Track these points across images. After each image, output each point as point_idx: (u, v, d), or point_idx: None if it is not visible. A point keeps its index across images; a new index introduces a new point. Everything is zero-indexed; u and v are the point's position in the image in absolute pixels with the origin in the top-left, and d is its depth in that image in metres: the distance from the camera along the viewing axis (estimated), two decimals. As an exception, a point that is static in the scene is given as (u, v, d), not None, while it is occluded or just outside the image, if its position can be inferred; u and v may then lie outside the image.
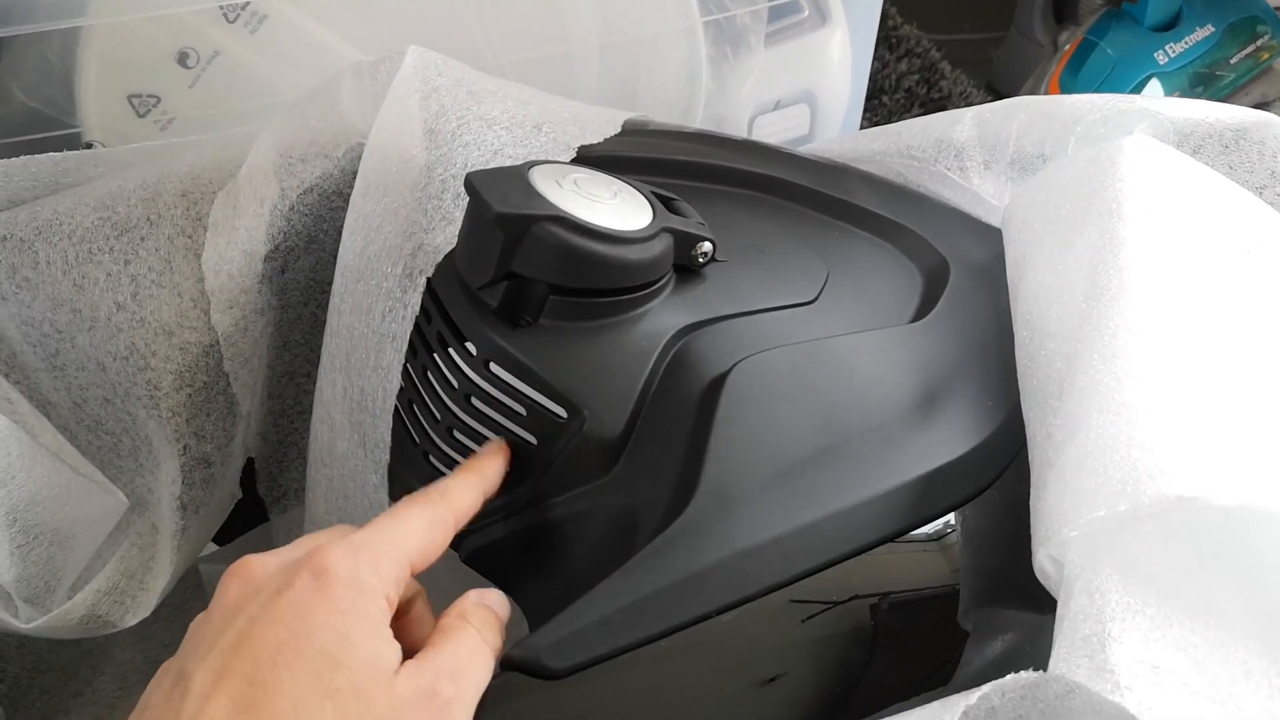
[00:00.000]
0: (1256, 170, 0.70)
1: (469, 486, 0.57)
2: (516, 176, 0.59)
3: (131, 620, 0.76)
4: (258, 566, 0.50)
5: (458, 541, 0.59)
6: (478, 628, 0.51)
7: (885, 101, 1.62)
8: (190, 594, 1.00)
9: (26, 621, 0.71)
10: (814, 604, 0.71)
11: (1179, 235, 0.60)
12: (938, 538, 0.79)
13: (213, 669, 0.45)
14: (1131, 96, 0.74)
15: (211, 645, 0.46)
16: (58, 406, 0.77)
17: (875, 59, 1.32)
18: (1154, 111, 0.72)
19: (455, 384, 0.61)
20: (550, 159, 0.65)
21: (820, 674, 0.72)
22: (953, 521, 0.78)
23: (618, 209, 0.60)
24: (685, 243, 0.62)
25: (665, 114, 1.13)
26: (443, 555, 0.55)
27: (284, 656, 0.45)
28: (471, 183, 0.58)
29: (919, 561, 0.78)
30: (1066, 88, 1.56)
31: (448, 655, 0.49)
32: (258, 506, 0.90)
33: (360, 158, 0.74)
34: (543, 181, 0.59)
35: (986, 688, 0.46)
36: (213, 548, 0.95)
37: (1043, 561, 0.53)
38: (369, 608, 0.48)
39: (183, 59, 0.93)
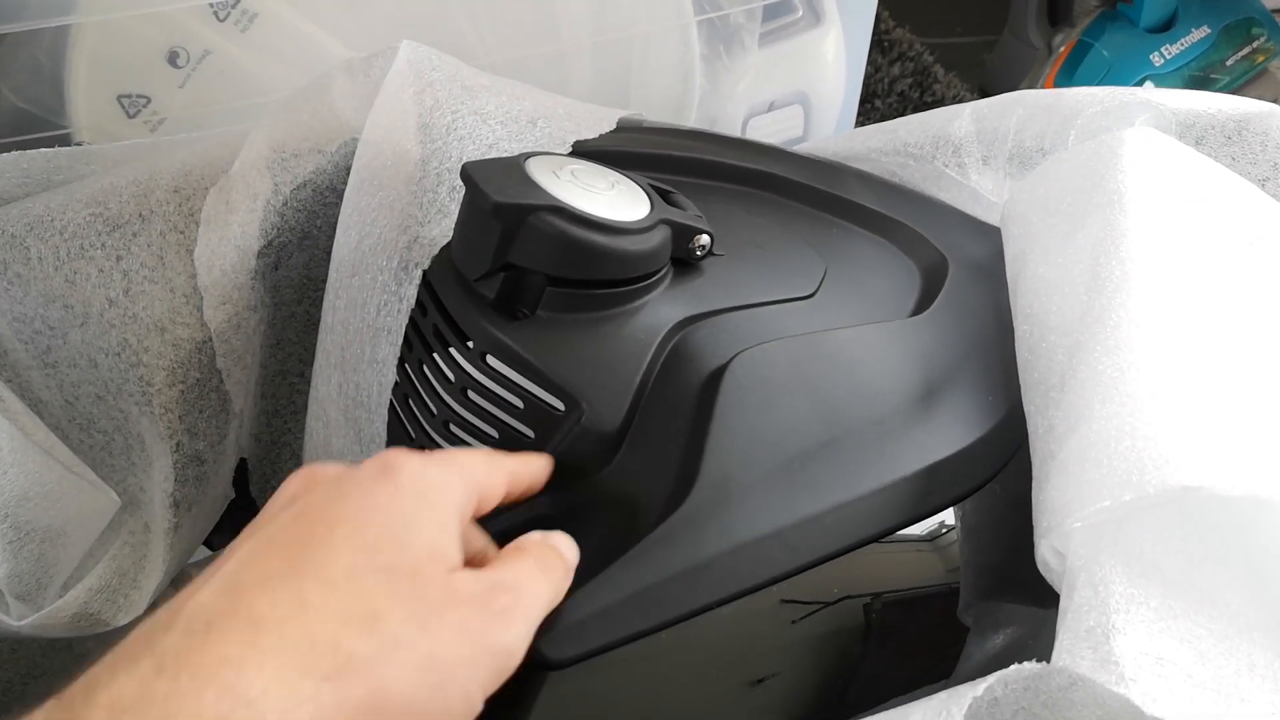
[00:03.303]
0: (1259, 162, 0.70)
1: (522, 461, 0.55)
2: (513, 167, 0.59)
3: (124, 619, 0.75)
4: (321, 467, 0.49)
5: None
6: (536, 559, 0.50)
7: (878, 105, 1.62)
8: (183, 596, 0.99)
9: (18, 619, 0.71)
10: (805, 604, 0.71)
11: (1181, 227, 0.60)
12: (931, 538, 0.78)
13: (263, 538, 0.44)
14: (1132, 89, 0.74)
15: (267, 522, 0.45)
16: (49, 404, 0.77)
17: (868, 63, 1.32)
18: (1155, 103, 0.72)
19: (452, 378, 0.60)
20: (547, 151, 0.65)
21: (811, 674, 0.72)
22: (948, 520, 0.78)
23: (615, 200, 0.59)
24: (683, 235, 0.62)
25: (658, 113, 1.13)
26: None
27: (343, 529, 0.43)
28: (468, 173, 0.57)
29: (913, 561, 0.77)
30: (1061, 90, 1.56)
31: (504, 574, 0.47)
32: (251, 508, 0.89)
33: (353, 153, 0.74)
34: (539, 172, 0.59)
35: (991, 678, 0.46)
36: (205, 552, 0.94)
37: (1045, 553, 0.52)
38: (436, 502, 0.46)
39: (173, 58, 0.93)
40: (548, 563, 0.50)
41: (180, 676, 0.38)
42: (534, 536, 0.52)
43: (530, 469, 0.56)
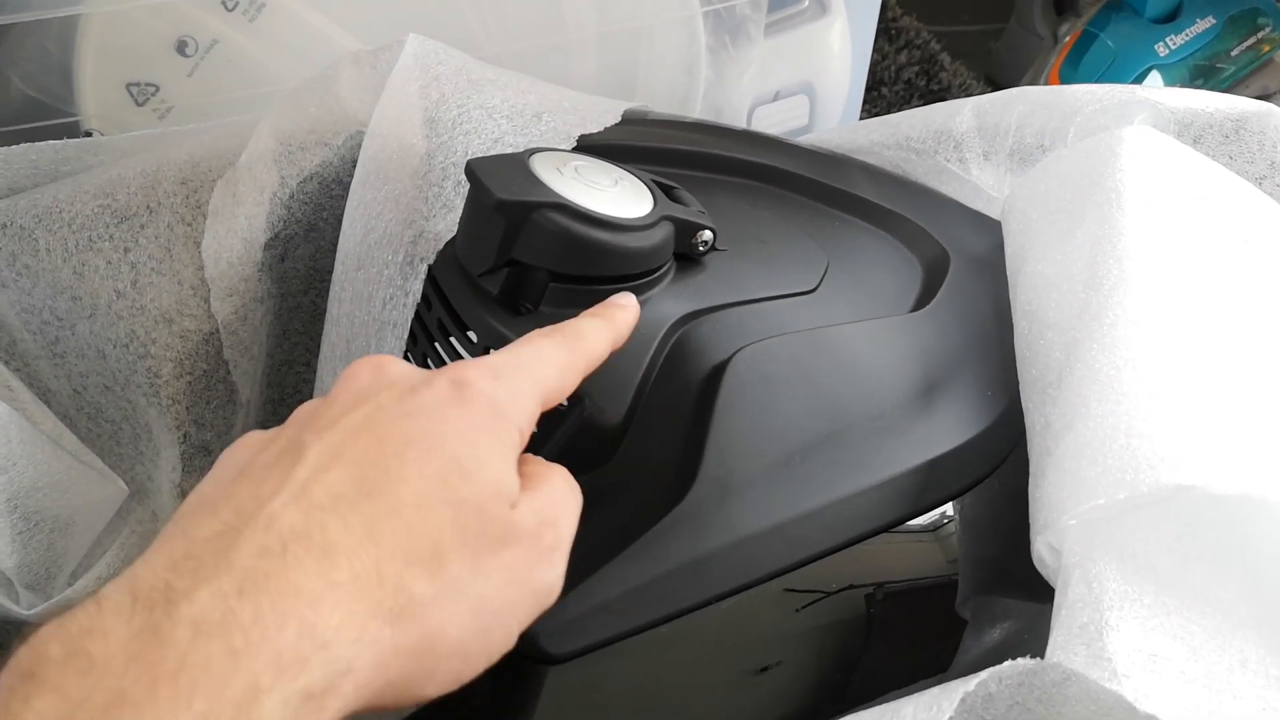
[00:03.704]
0: (1256, 160, 0.70)
1: (601, 332, 0.54)
2: (517, 163, 0.59)
3: (131, 608, 0.76)
4: (392, 362, 0.48)
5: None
6: (564, 478, 0.49)
7: (885, 93, 1.62)
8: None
9: (28, 608, 0.71)
10: (808, 593, 0.71)
11: (1179, 226, 0.60)
12: (934, 528, 0.79)
13: (333, 444, 0.43)
14: (1131, 87, 0.74)
15: (333, 423, 0.44)
16: (57, 394, 0.77)
17: (874, 51, 1.32)
18: (1154, 102, 0.72)
19: (456, 372, 0.61)
20: (551, 147, 0.65)
21: (814, 663, 0.72)
22: (950, 511, 0.78)
23: (618, 196, 0.60)
24: (685, 231, 0.62)
25: (663, 104, 1.13)
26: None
27: (414, 452, 0.43)
28: (472, 169, 0.58)
29: (915, 551, 0.78)
30: (1067, 79, 1.55)
31: (546, 503, 0.46)
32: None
33: (360, 146, 0.74)
34: (543, 169, 0.59)
35: (984, 674, 0.46)
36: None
37: (1041, 550, 0.53)
38: (502, 432, 0.45)
39: (181, 47, 0.93)
40: (573, 483, 0.49)
41: (261, 604, 0.37)
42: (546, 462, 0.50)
43: (619, 325, 0.56)
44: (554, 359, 0.50)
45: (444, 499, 0.42)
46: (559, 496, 0.47)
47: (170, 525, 0.41)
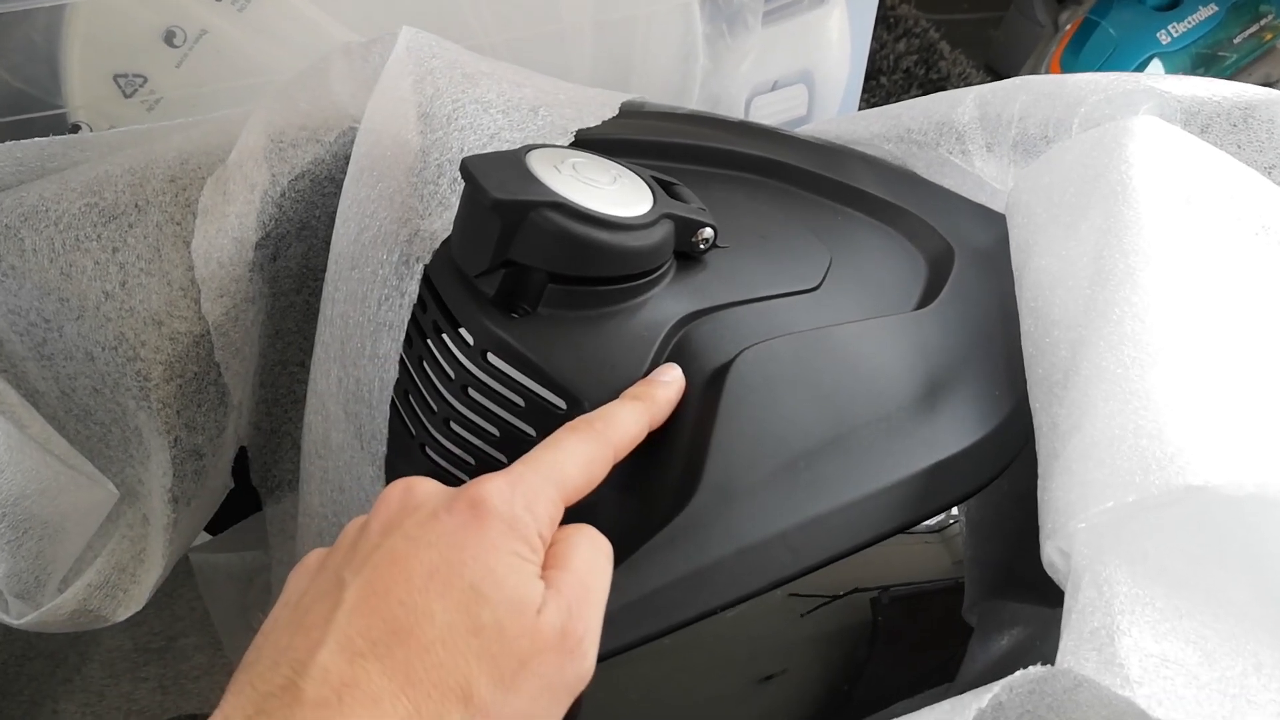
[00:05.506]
0: (1265, 149, 0.69)
1: (635, 418, 0.55)
2: (513, 161, 0.58)
3: (123, 614, 0.75)
4: (420, 484, 0.50)
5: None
6: (591, 544, 0.50)
7: (883, 82, 1.61)
8: (180, 582, 1.00)
9: (17, 617, 0.70)
10: (813, 598, 0.70)
11: (1187, 217, 0.59)
12: (940, 529, 0.78)
13: (367, 582, 0.46)
14: (1136, 75, 0.73)
15: (367, 557, 0.47)
16: (45, 396, 0.77)
17: (873, 39, 1.31)
18: (1160, 91, 0.71)
19: (452, 375, 0.60)
20: (548, 143, 0.64)
21: (820, 670, 0.72)
22: (955, 513, 0.78)
23: (617, 194, 0.59)
24: (686, 229, 0.61)
25: (660, 94, 1.12)
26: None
27: (436, 585, 0.45)
28: (467, 168, 0.57)
29: (919, 554, 0.77)
30: (1068, 68, 1.55)
31: (570, 580, 0.48)
32: (250, 496, 0.89)
33: (352, 142, 0.73)
34: (540, 166, 0.58)
35: (995, 686, 0.46)
36: (205, 537, 0.94)
37: (1050, 554, 0.52)
38: (519, 547, 0.47)
39: (169, 38, 0.92)
40: (598, 542, 0.51)
41: None
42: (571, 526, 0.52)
43: (658, 405, 0.57)
44: (578, 455, 0.52)
45: (465, 629, 0.45)
46: (585, 568, 0.49)
47: (241, 671, 0.45)
